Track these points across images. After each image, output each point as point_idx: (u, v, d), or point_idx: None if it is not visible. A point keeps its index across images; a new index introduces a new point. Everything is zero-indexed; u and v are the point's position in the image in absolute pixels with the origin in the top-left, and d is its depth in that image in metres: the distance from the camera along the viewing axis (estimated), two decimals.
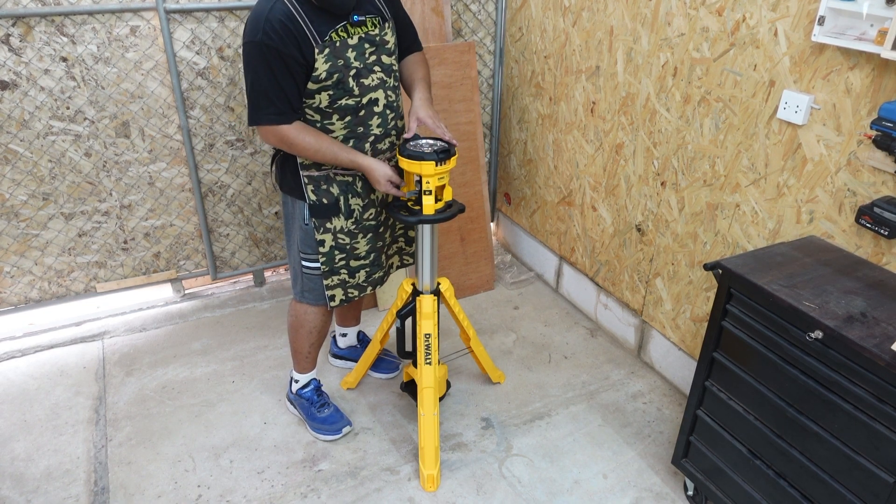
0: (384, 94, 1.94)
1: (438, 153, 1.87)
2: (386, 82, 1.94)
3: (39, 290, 2.80)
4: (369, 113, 1.92)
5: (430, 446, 2.08)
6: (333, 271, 2.08)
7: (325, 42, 1.76)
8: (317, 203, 1.97)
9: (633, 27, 2.38)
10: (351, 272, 2.10)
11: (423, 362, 2.10)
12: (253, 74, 1.75)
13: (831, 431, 1.50)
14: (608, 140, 2.65)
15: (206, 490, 2.09)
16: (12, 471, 2.15)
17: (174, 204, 2.87)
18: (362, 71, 1.85)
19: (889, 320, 1.45)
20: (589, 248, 2.93)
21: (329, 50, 1.77)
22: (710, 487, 1.90)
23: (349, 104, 1.87)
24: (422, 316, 2.11)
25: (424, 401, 2.08)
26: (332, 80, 1.80)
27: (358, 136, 1.93)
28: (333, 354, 2.68)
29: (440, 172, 1.90)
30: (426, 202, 1.95)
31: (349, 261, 2.08)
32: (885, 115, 1.52)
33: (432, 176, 1.90)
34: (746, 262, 1.70)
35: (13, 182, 2.55)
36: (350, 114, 1.89)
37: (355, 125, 1.91)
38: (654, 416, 2.43)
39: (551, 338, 2.88)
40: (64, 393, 2.49)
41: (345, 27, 1.80)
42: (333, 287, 2.10)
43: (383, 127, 1.98)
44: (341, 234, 2.02)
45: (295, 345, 2.26)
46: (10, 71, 2.38)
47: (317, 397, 2.31)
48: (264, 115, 1.78)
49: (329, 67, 1.78)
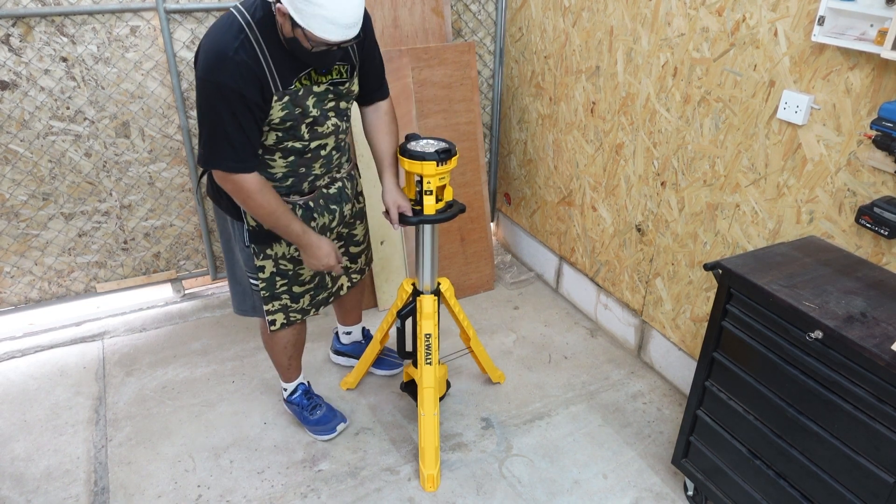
0: (335, 140, 1.88)
1: (440, 153, 1.87)
2: (339, 127, 1.86)
3: (39, 290, 2.80)
4: (315, 157, 1.85)
5: (430, 446, 2.07)
6: (274, 297, 1.99)
7: (286, 91, 1.66)
8: (256, 228, 1.86)
9: (633, 27, 2.38)
10: (294, 297, 2.03)
11: (424, 362, 2.09)
12: (212, 116, 1.62)
13: (831, 431, 1.50)
14: (608, 140, 2.65)
15: (206, 490, 2.09)
16: (12, 471, 2.15)
17: (174, 204, 2.87)
18: (318, 119, 1.77)
19: (889, 320, 1.45)
20: (589, 248, 2.93)
21: (288, 98, 1.68)
22: (710, 487, 1.90)
23: (296, 147, 1.79)
24: (422, 316, 2.11)
25: (424, 401, 2.08)
26: (284, 126, 1.72)
27: (298, 175, 1.86)
28: (335, 351, 2.66)
29: (441, 172, 1.89)
30: (427, 202, 1.94)
31: (291, 286, 2.01)
32: (885, 115, 1.52)
33: (433, 176, 1.89)
34: (746, 262, 1.70)
35: (13, 182, 2.55)
36: (295, 155, 1.81)
37: (298, 166, 1.84)
38: (654, 416, 2.43)
39: (551, 338, 2.88)
40: (64, 393, 2.49)
41: (309, 74, 1.71)
42: (274, 312, 2.02)
43: (326, 167, 1.91)
44: (283, 260, 1.94)
45: (274, 359, 2.23)
46: (10, 71, 2.38)
47: (307, 401, 2.30)
48: (224, 161, 1.66)
49: (285, 115, 1.69)
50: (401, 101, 2.81)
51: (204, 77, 1.59)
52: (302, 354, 2.29)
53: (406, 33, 2.88)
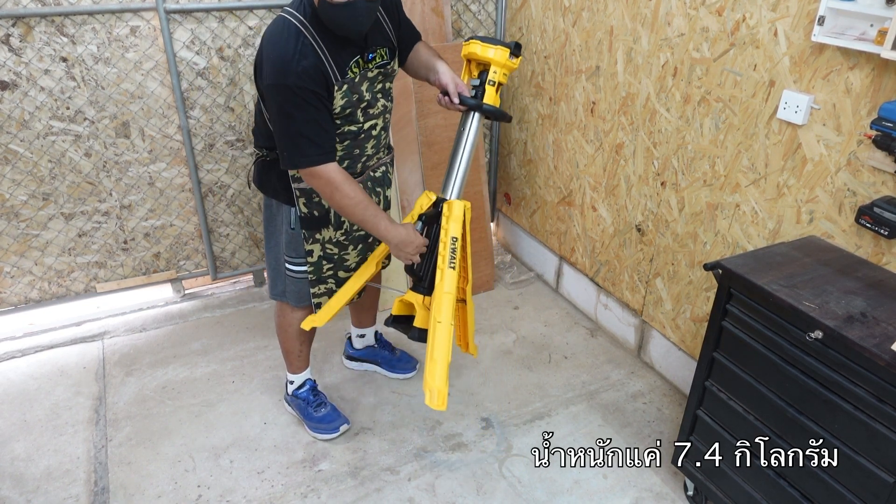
0: (382, 120, 1.95)
1: (514, 44, 1.84)
2: (387, 107, 1.95)
3: (39, 290, 2.80)
4: (367, 137, 1.92)
5: (442, 358, 1.79)
6: (321, 280, 2.07)
7: (344, 80, 1.75)
8: (308, 215, 1.95)
9: (633, 27, 2.38)
10: (339, 282, 2.10)
11: (447, 266, 1.86)
12: (287, 118, 1.69)
13: (831, 431, 1.50)
14: (608, 140, 2.65)
15: (206, 490, 2.09)
16: (12, 471, 2.15)
17: (174, 204, 2.87)
18: (371, 101, 1.86)
19: (889, 320, 1.45)
20: (589, 248, 2.93)
21: (347, 86, 1.76)
22: (710, 487, 1.90)
23: (351, 130, 1.87)
24: (450, 218, 1.90)
25: (443, 307, 1.81)
26: (344, 113, 1.80)
27: (353, 157, 1.93)
28: (348, 356, 2.65)
29: (509, 67, 1.86)
30: (489, 92, 1.88)
31: (337, 271, 2.07)
32: (885, 115, 1.52)
33: (502, 66, 1.86)
34: (746, 262, 1.70)
35: (13, 182, 2.55)
36: (350, 139, 1.88)
37: (352, 148, 1.91)
38: (654, 416, 2.43)
39: (551, 338, 2.88)
40: (64, 393, 2.49)
41: (357, 62, 1.78)
42: (321, 295, 2.09)
43: (377, 148, 1.99)
44: (330, 244, 2.01)
45: (285, 345, 2.26)
46: (10, 71, 2.38)
47: (312, 397, 2.31)
48: (307, 157, 1.73)
49: (345, 103, 1.78)
50: (401, 101, 2.81)
51: (274, 84, 1.66)
52: (312, 343, 2.30)
53: None
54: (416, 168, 2.93)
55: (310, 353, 2.32)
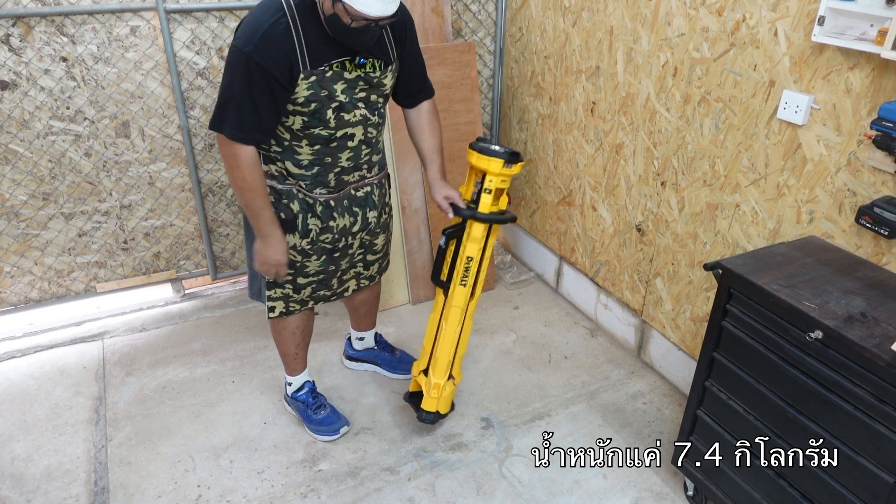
0: (363, 131, 1.89)
1: (509, 153, 1.88)
2: (369, 120, 1.88)
3: (39, 290, 2.80)
4: (341, 146, 1.87)
5: (444, 356, 2.07)
6: (277, 283, 2.03)
7: (314, 70, 1.70)
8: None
9: (633, 27, 2.38)
10: (296, 288, 2.06)
11: (459, 282, 2.04)
12: (230, 81, 1.68)
13: (831, 431, 1.50)
14: (608, 140, 2.65)
15: (206, 490, 2.09)
16: (12, 471, 2.15)
17: (174, 204, 2.87)
18: (346, 105, 1.80)
19: (889, 320, 1.45)
20: (589, 248, 2.93)
21: (315, 78, 1.71)
22: (710, 487, 1.90)
23: (322, 134, 1.81)
24: (469, 238, 2.01)
25: (450, 317, 2.07)
26: (308, 107, 1.74)
27: (324, 165, 1.88)
28: (348, 357, 2.64)
29: (505, 174, 1.90)
30: (484, 200, 1.94)
31: (296, 277, 2.03)
32: (885, 115, 1.52)
33: (496, 176, 1.90)
34: (746, 262, 1.70)
35: (13, 182, 2.55)
36: (320, 143, 1.83)
37: (324, 154, 1.86)
38: (654, 416, 2.43)
39: (551, 338, 2.88)
40: (64, 393, 2.49)
41: (343, 63, 1.74)
42: (275, 299, 2.06)
43: (354, 161, 1.92)
44: (293, 251, 1.96)
45: (281, 348, 2.24)
46: (10, 71, 2.38)
47: (312, 399, 2.30)
48: (227, 126, 1.71)
49: (309, 95, 1.72)
50: None
51: (235, 45, 1.66)
52: (309, 345, 2.30)
53: None
54: (417, 168, 2.93)
55: (307, 355, 2.31)
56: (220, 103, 1.72)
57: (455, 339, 2.12)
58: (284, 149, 1.84)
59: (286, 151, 1.85)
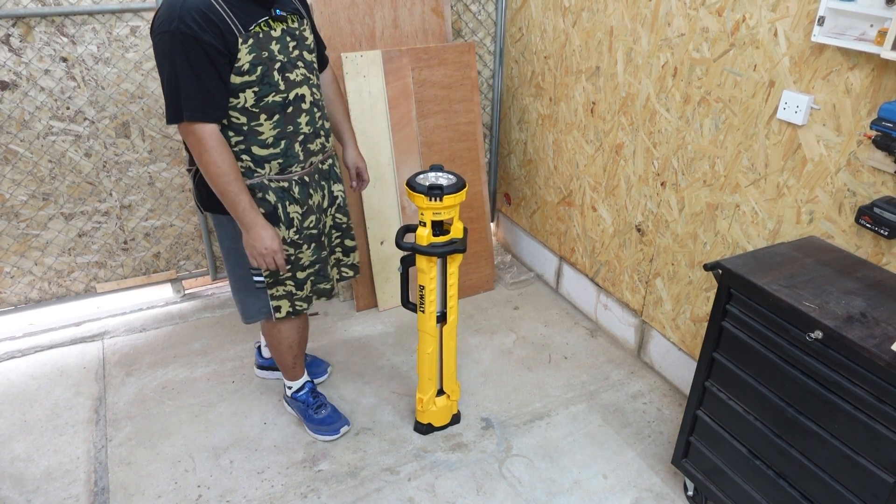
0: (309, 91, 1.87)
1: (431, 189, 1.90)
2: (309, 79, 1.87)
3: (39, 290, 2.80)
4: (297, 110, 1.84)
5: (424, 376, 2.20)
6: (278, 282, 1.99)
7: (248, 33, 1.67)
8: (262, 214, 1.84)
9: (633, 27, 2.38)
10: (297, 283, 2.02)
11: (418, 309, 2.12)
12: (170, 67, 1.61)
13: (831, 432, 1.50)
14: (608, 140, 2.65)
15: (206, 490, 2.09)
16: (12, 471, 2.15)
17: (174, 204, 2.87)
18: (286, 65, 1.78)
19: (889, 320, 1.45)
20: (589, 248, 2.93)
21: (253, 41, 1.68)
22: (710, 488, 1.90)
23: (276, 101, 1.78)
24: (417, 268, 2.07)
25: (421, 343, 2.17)
26: (256, 72, 1.71)
27: (288, 135, 1.84)
28: (259, 366, 2.58)
29: (434, 207, 1.92)
30: (419, 233, 1.97)
31: (295, 272, 2.00)
32: (885, 115, 1.52)
33: (425, 209, 1.93)
34: (746, 263, 1.70)
35: (13, 182, 2.55)
36: (278, 112, 1.80)
37: (284, 124, 1.83)
38: (654, 416, 2.43)
39: (551, 338, 2.88)
40: (64, 393, 2.49)
41: (267, 21, 1.73)
42: (279, 298, 2.02)
43: (312, 126, 1.91)
44: (284, 244, 1.92)
45: (279, 360, 2.23)
46: (11, 71, 2.38)
47: (312, 399, 2.30)
48: (183, 111, 1.65)
49: (253, 59, 1.69)
50: (401, 101, 2.81)
51: (158, 31, 1.61)
52: (304, 353, 2.30)
53: (406, 33, 2.88)
54: (416, 168, 2.93)
55: (304, 360, 2.31)
56: (168, 95, 1.66)
57: (431, 361, 2.17)
58: (245, 135, 1.79)
59: (248, 137, 1.79)
